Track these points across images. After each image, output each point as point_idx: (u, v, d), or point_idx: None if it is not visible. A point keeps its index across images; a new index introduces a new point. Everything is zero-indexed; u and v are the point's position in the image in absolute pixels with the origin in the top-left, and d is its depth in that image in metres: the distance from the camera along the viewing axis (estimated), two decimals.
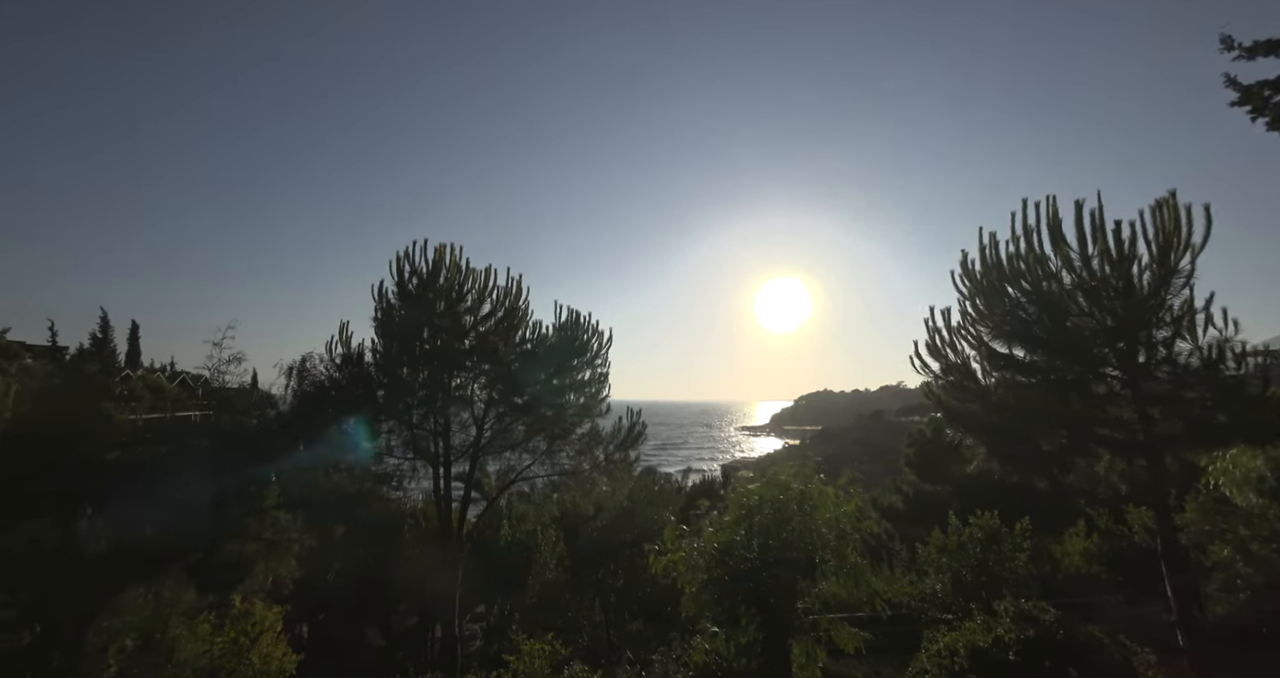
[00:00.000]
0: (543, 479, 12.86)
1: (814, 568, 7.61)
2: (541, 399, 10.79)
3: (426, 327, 10.21)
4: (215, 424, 10.29)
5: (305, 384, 10.08)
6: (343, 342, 10.52)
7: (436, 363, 10.30)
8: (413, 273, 10.45)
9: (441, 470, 10.91)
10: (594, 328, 11.47)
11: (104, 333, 37.12)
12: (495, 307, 10.81)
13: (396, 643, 24.49)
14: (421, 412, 10.75)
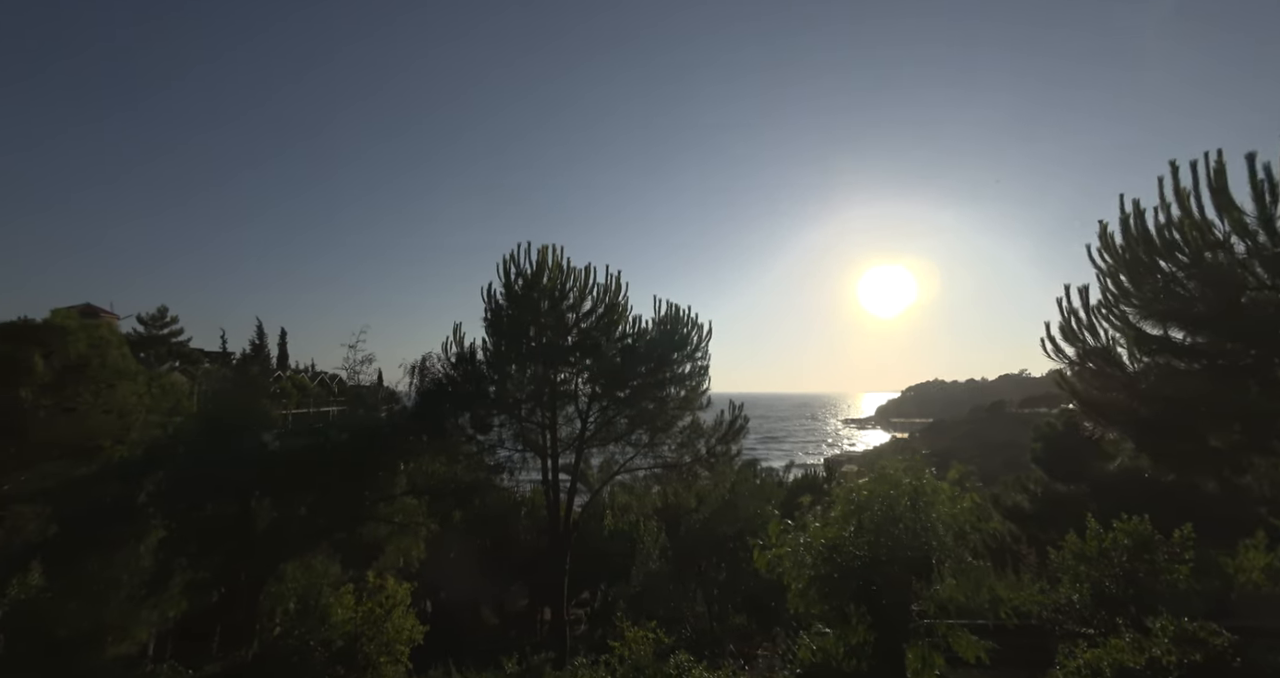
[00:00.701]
0: (645, 471, 13.08)
1: (929, 569, 7.17)
2: (643, 393, 11.00)
3: (532, 325, 10.75)
4: (350, 419, 11.47)
5: (426, 381, 11.03)
6: (456, 341, 11.38)
7: (542, 359, 10.82)
8: (518, 274, 11.07)
9: (549, 462, 11.45)
10: (693, 321, 11.52)
11: (260, 339, 42.63)
12: (596, 303, 11.17)
13: (509, 622, 26.07)
14: (529, 406, 11.36)
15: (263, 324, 43.58)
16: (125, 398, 8.99)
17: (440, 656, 11.66)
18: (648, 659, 10.02)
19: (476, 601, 27.24)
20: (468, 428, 11.50)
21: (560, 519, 11.91)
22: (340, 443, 9.63)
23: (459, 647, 16.21)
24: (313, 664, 7.29)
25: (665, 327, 11.38)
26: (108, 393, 8.77)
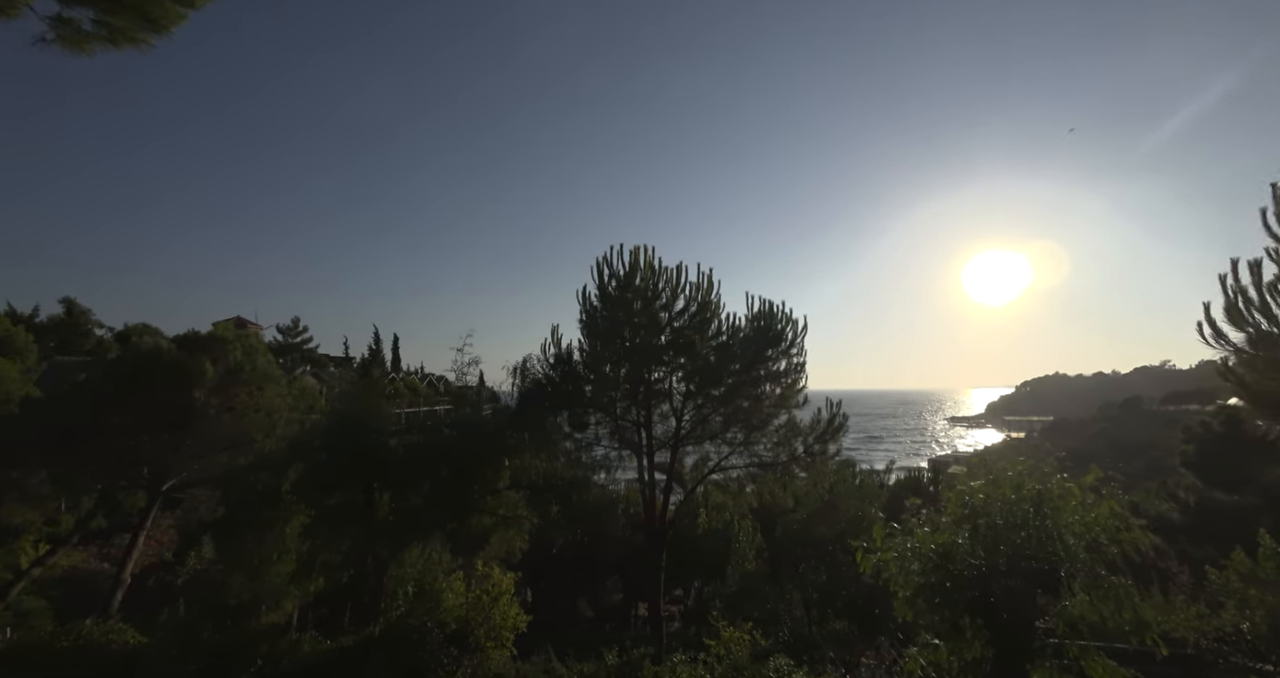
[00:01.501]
0: (739, 470, 12.95)
1: (1057, 582, 6.54)
2: (737, 390, 10.90)
3: (626, 325, 10.97)
4: (458, 417, 12.28)
5: (526, 382, 11.60)
6: (554, 343, 11.86)
7: (636, 358, 11.01)
8: (611, 276, 11.35)
9: (645, 460, 11.64)
10: (787, 317, 11.25)
11: (376, 344, 46.89)
12: (688, 302, 11.22)
13: (604, 616, 26.73)
14: (624, 405, 11.60)
15: (378, 331, 47.89)
16: (272, 399, 10.22)
17: (540, 643, 12.19)
18: (746, 660, 9.93)
19: (574, 593, 28.21)
20: (565, 426, 11.94)
21: (656, 517, 12.06)
22: (449, 440, 10.35)
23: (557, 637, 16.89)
24: (430, 644, 7.88)
25: (758, 323, 11.19)
26: (258, 394, 10.01)
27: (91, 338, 37.65)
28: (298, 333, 39.96)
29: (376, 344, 47.10)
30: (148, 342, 11.33)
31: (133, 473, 10.95)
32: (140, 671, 6.79)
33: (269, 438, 10.29)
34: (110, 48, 6.54)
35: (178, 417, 9.90)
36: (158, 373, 9.50)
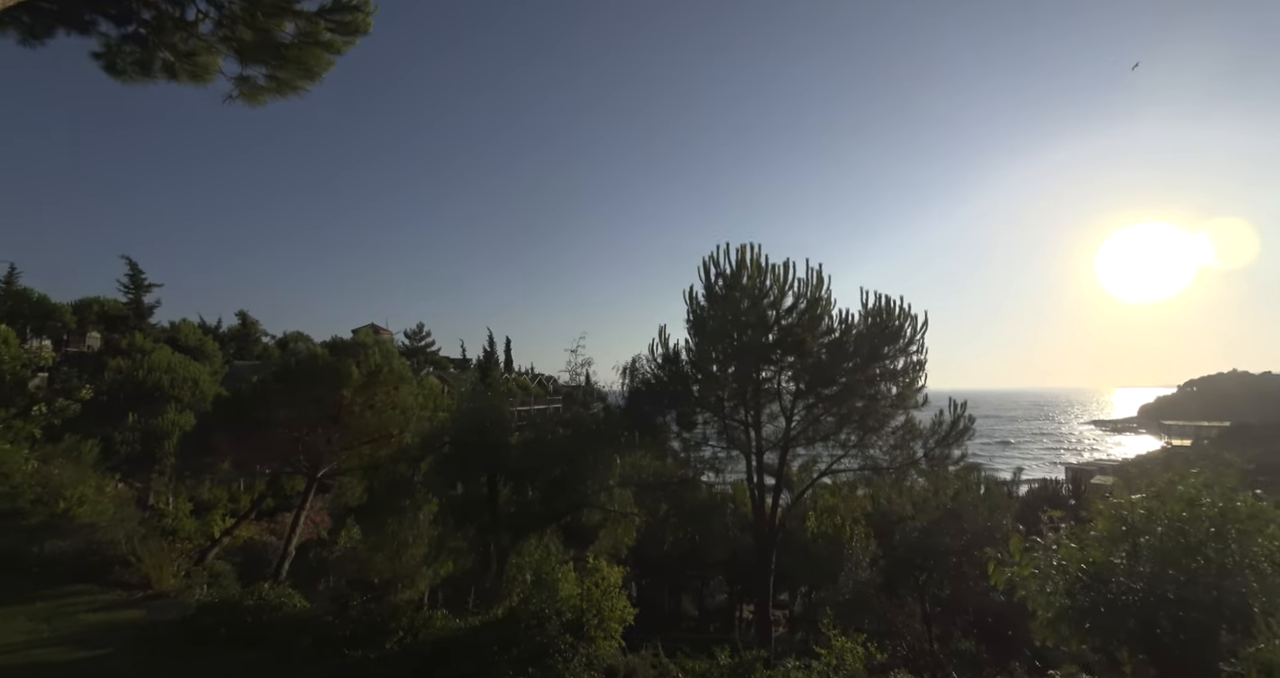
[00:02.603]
0: (852, 473, 12.42)
1: (1248, 619, 5.56)
2: (851, 390, 10.45)
3: (733, 324, 10.90)
4: (570, 416, 12.82)
5: (635, 382, 11.88)
6: (662, 343, 12.04)
7: (744, 357, 10.90)
8: (718, 274, 11.32)
9: (754, 460, 11.48)
10: (906, 312, 10.61)
11: (490, 346, 50.32)
12: (797, 299, 10.93)
13: (708, 616, 26.64)
14: (732, 404, 11.53)
15: (492, 334, 51.37)
16: (405, 398, 11.27)
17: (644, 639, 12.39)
18: (862, 673, 9.46)
19: (678, 591, 28.40)
20: (674, 426, 12.08)
21: (765, 519, 11.87)
22: (563, 438, 10.83)
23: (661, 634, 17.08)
24: (549, 630, 8.25)
25: (874, 319, 10.66)
26: (394, 393, 11.08)
27: (260, 344, 43.75)
28: (422, 337, 43.86)
29: (491, 346, 50.63)
30: (304, 347, 12.92)
31: (295, 461, 12.55)
32: (308, 630, 7.71)
33: (404, 433, 11.37)
34: (277, 97, 7.58)
35: (329, 412, 11.24)
36: (314, 375, 10.87)
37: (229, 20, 6.96)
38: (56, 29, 6.72)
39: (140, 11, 6.96)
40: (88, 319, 36.33)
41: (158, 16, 6.99)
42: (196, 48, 7.14)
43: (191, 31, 7.08)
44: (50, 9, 6.68)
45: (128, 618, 8.26)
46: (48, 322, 34.04)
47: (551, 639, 8.40)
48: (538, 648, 7.98)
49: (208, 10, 6.94)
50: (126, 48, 7.08)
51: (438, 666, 7.31)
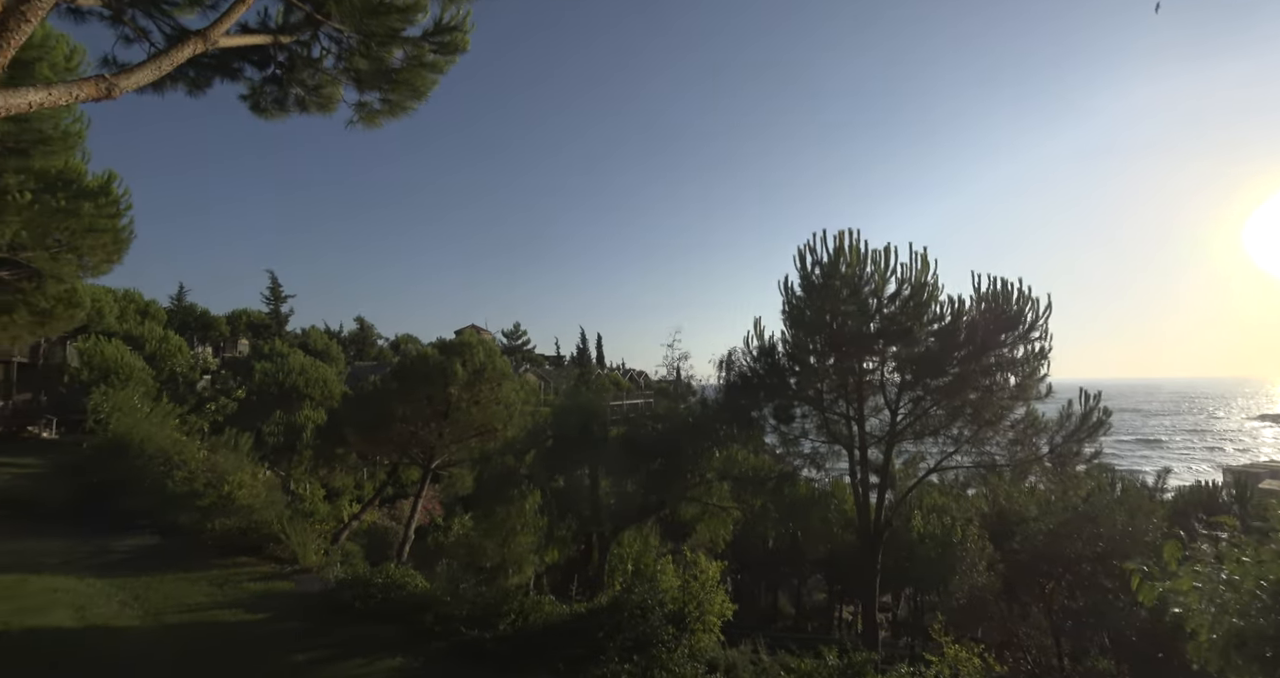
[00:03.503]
0: (964, 470, 11.59)
1: None
2: (963, 381, 9.71)
3: (831, 313, 10.50)
4: (668, 410, 12.93)
5: (731, 375, 11.77)
6: (757, 335, 11.80)
7: (844, 348, 10.48)
8: (815, 263, 10.92)
9: (856, 455, 11.01)
10: (1025, 295, 9.69)
11: (583, 343, 52.07)
12: (900, 286, 10.31)
13: (805, 614, 25.93)
14: (831, 397, 11.12)
15: (584, 331, 53.14)
16: (508, 394, 11.91)
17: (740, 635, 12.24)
18: None
19: (775, 588, 27.84)
20: (770, 419, 11.83)
21: (869, 516, 11.34)
22: (662, 432, 10.96)
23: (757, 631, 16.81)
24: (652, 621, 8.39)
25: (988, 304, 9.80)
26: (498, 390, 11.74)
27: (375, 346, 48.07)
28: (518, 336, 46.17)
29: (583, 343, 52.40)
30: (414, 349, 13.97)
31: (411, 453, 13.65)
32: (429, 608, 8.36)
33: (507, 427, 12.01)
34: (390, 119, 8.25)
35: (440, 408, 12.12)
36: (425, 374, 11.76)
37: (347, 53, 7.64)
38: (214, 78, 7.70)
39: (277, 55, 7.83)
40: (238, 328, 41.56)
41: (290, 57, 7.81)
42: (322, 81, 7.92)
43: (317, 67, 7.85)
44: (208, 62, 7.66)
45: (280, 588, 9.36)
46: (209, 331, 39.28)
47: (654, 630, 8.55)
48: (642, 638, 8.15)
49: (329, 46, 7.67)
50: (266, 88, 7.99)
51: (547, 648, 7.68)
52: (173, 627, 7.46)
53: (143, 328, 27.54)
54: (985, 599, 16.53)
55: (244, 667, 6.50)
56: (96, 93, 4.67)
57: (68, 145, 10.74)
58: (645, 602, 8.92)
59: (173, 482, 12.24)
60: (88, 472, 13.23)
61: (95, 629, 7.18)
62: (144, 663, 6.36)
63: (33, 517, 12.07)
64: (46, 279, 12.35)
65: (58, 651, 6.56)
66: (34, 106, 4.14)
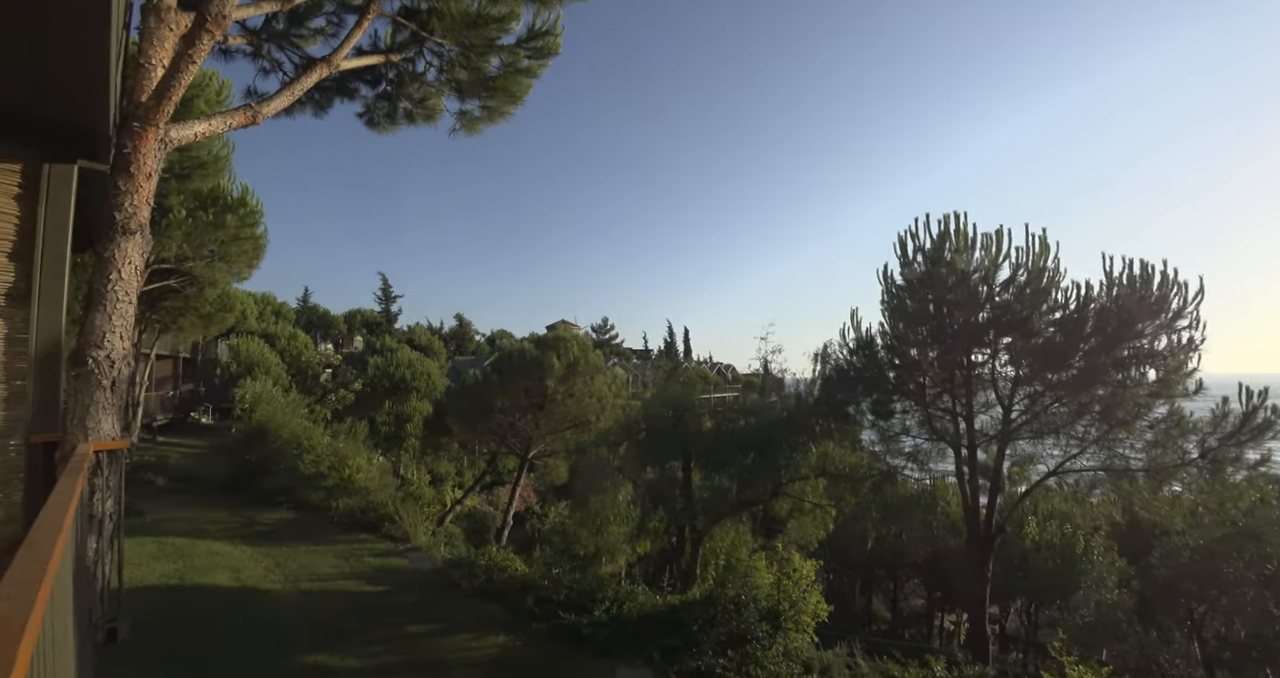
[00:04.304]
0: (1089, 474, 10.49)
1: None
2: (1091, 375, 8.73)
3: (936, 303, 9.84)
4: (750, 404, 12.73)
5: (827, 369, 11.36)
6: (854, 326, 11.28)
7: (950, 340, 9.78)
8: (916, 250, 10.27)
9: (964, 454, 10.27)
10: (1170, 278, 8.54)
11: (670, 337, 52.42)
12: (1015, 271, 9.43)
13: (901, 620, 24.62)
14: (936, 391, 10.42)
15: (671, 325, 53.43)
16: (599, 387, 12.22)
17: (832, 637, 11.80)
18: None
19: (870, 590, 26.68)
20: (869, 414, 11.29)
21: (978, 520, 10.55)
22: (755, 426, 10.80)
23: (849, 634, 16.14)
24: (746, 616, 8.32)
25: (1122, 289, 8.72)
26: (590, 383, 12.08)
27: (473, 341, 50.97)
28: (606, 331, 47.41)
29: (670, 337, 52.77)
30: (511, 344, 14.63)
31: (509, 442, 14.37)
32: (529, 590, 8.76)
33: (600, 419, 12.34)
34: (489, 124, 8.68)
35: (536, 400, 12.67)
36: (523, 367, 12.34)
37: (448, 65, 8.13)
38: (334, 99, 8.46)
39: (387, 72, 8.48)
40: (354, 325, 45.58)
41: (398, 73, 8.43)
42: (427, 93, 8.48)
43: (422, 80, 8.42)
44: (329, 85, 8.43)
45: (395, 564, 10.18)
46: (330, 329, 43.37)
47: (749, 626, 8.48)
48: (736, 633, 8.11)
49: (432, 60, 8.20)
50: (379, 104, 8.68)
51: (642, 636, 7.82)
52: (308, 593, 8.33)
53: (276, 327, 30.83)
54: (1116, 619, 14.88)
55: (369, 633, 7.14)
56: (245, 120, 5.28)
57: (218, 168, 12.22)
58: (740, 597, 8.86)
59: (303, 464, 13.64)
60: (237, 453, 15.04)
61: (248, 589, 8.17)
62: (286, 622, 7.15)
63: (198, 490, 13.92)
64: (205, 286, 14.13)
65: (221, 604, 7.54)
66: (198, 137, 4.75)
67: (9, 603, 0.92)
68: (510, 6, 7.28)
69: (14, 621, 0.85)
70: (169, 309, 15.38)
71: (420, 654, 6.78)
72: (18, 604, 0.91)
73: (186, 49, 4.13)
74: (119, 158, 4.07)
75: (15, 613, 0.88)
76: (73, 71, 3.19)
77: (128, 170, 4.05)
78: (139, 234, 4.07)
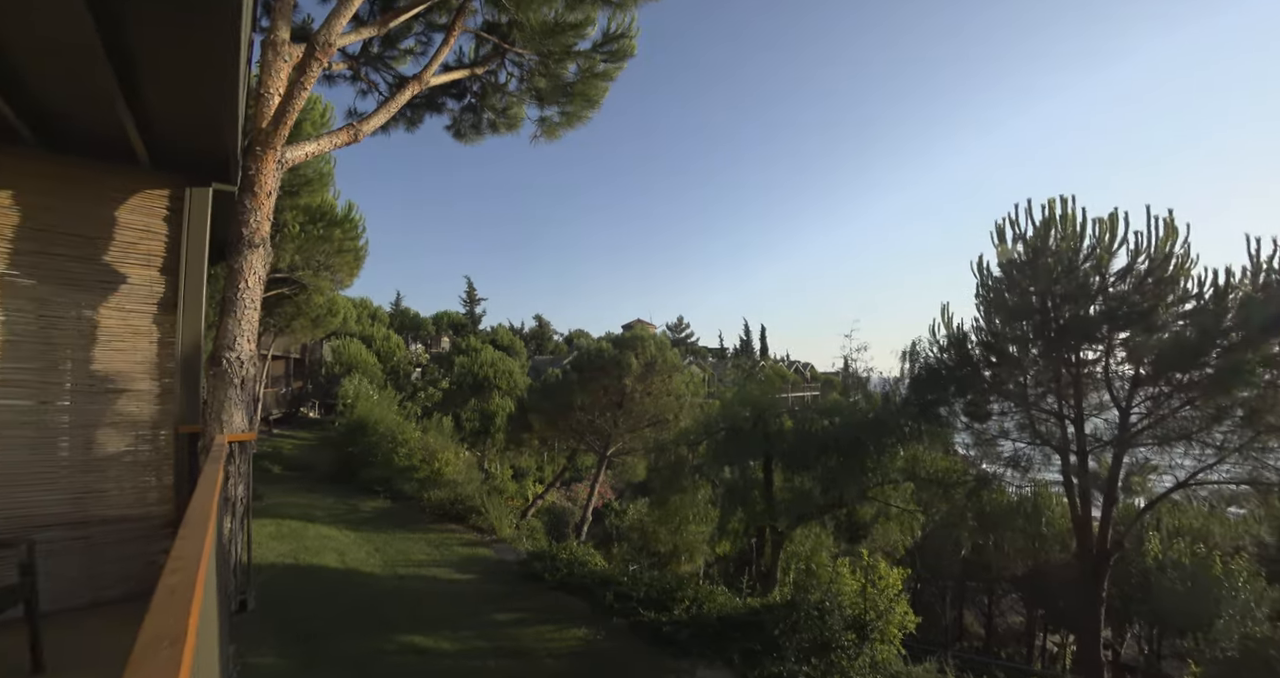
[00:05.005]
0: (1229, 487, 9.29)
1: None
2: (1230, 376, 7.72)
3: (1040, 295, 9.05)
4: (830, 404, 12.28)
5: (916, 367, 10.77)
6: (945, 323, 10.62)
7: (1053, 335, 8.97)
8: (1017, 237, 9.50)
9: (1073, 461, 9.39)
10: None
11: (746, 335, 51.76)
12: (1133, 258, 8.50)
13: (996, 638, 22.91)
14: (1039, 391, 9.59)
15: (748, 322, 52.75)
16: (677, 385, 12.25)
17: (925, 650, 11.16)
18: None
19: (960, 603, 25.06)
20: (962, 416, 10.57)
21: (1090, 534, 9.62)
22: (839, 426, 10.43)
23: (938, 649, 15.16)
24: (830, 624, 8.06)
25: (1268, 277, 7.63)
26: (668, 381, 12.13)
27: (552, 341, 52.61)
28: (682, 329, 47.52)
29: (746, 334, 52.16)
30: (590, 343, 14.96)
31: (588, 440, 14.70)
32: (608, 585, 8.91)
33: (679, 418, 12.38)
34: (568, 129, 8.91)
35: (615, 399, 12.91)
36: (602, 366, 12.61)
37: (528, 74, 8.41)
38: (424, 114, 8.99)
39: (472, 86, 8.90)
40: (442, 327, 48.27)
41: (482, 86, 8.82)
42: (509, 103, 8.82)
43: (504, 91, 8.76)
44: (419, 101, 8.96)
45: (482, 555, 10.66)
46: (419, 331, 46.16)
47: (834, 634, 8.22)
48: (821, 640, 7.89)
49: (513, 71, 8.52)
50: (465, 117, 9.12)
51: (723, 638, 7.77)
52: (404, 577, 8.90)
53: (372, 329, 33.20)
54: (1267, 657, 13.12)
55: (459, 619, 7.53)
56: (348, 138, 5.71)
57: (323, 184, 13.30)
58: (824, 603, 8.61)
59: (397, 457, 14.59)
60: (340, 445, 16.32)
61: (351, 571, 8.85)
62: (387, 603, 7.67)
63: (309, 478, 15.23)
64: (313, 293, 15.44)
65: (330, 583, 8.21)
66: (309, 156, 5.19)
67: (178, 576, 1.06)
68: (586, 12, 7.43)
69: (183, 591, 0.98)
70: (282, 314, 16.96)
71: (506, 642, 7.07)
72: (185, 576, 1.05)
73: (299, 77, 4.53)
74: (245, 179, 4.53)
75: (183, 584, 1.01)
76: (213, 109, 3.59)
77: (252, 190, 4.49)
78: (262, 247, 4.51)
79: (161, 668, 0.72)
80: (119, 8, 2.59)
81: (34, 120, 3.60)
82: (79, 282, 4.14)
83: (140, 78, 3.20)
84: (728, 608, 8.56)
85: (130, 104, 3.41)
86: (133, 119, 3.57)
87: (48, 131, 3.78)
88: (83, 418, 4.11)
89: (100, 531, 4.11)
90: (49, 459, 3.99)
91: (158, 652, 0.76)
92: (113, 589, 4.09)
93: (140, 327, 4.33)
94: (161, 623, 0.85)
